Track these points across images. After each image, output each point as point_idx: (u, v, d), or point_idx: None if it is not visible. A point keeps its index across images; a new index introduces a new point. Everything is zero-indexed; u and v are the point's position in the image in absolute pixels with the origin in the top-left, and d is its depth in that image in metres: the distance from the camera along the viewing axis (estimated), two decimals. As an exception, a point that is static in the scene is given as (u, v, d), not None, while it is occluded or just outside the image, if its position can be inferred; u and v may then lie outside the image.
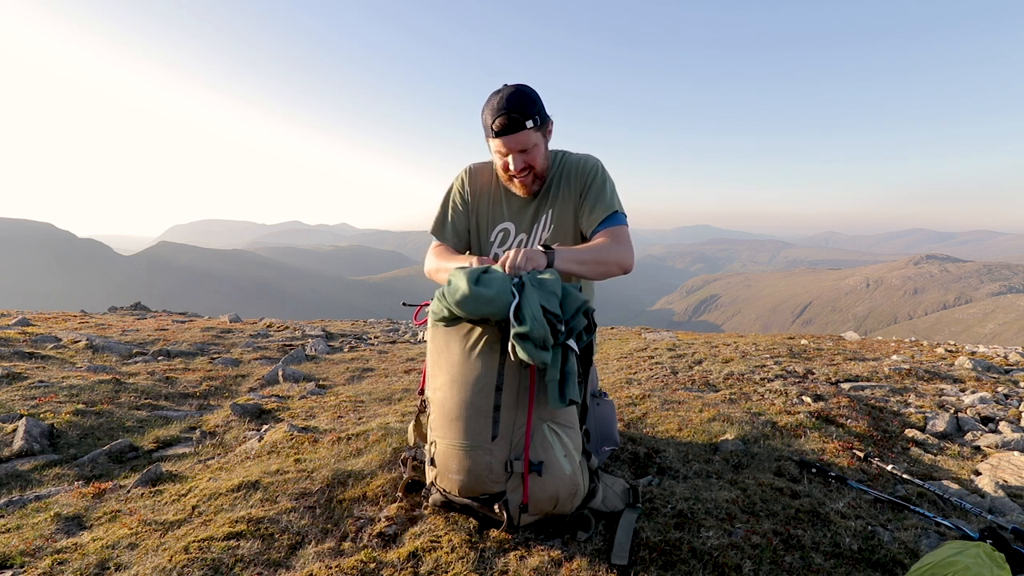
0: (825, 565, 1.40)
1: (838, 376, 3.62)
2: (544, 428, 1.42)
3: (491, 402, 1.40)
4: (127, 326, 5.99)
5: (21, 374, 3.33)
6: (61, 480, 2.10)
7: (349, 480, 1.86)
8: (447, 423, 1.45)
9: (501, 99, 1.65)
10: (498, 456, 1.40)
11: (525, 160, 1.73)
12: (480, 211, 1.94)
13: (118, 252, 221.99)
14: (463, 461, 1.42)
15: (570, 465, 1.43)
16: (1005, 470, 2.14)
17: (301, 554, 1.47)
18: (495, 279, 1.38)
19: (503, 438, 1.40)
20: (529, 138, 1.69)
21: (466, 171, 1.97)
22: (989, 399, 3.13)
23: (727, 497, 1.70)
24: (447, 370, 1.47)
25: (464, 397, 1.42)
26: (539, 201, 1.87)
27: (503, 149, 1.70)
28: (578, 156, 1.90)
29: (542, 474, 1.39)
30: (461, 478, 1.43)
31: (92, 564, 1.42)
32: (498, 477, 1.41)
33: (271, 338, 5.71)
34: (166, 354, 4.50)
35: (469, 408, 1.41)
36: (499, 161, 1.77)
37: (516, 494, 1.41)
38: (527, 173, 1.76)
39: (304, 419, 2.73)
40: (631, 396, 3.00)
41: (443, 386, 1.47)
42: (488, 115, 1.68)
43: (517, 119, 1.64)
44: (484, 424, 1.40)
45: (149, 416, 2.89)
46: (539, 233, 1.87)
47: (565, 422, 1.46)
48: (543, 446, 1.41)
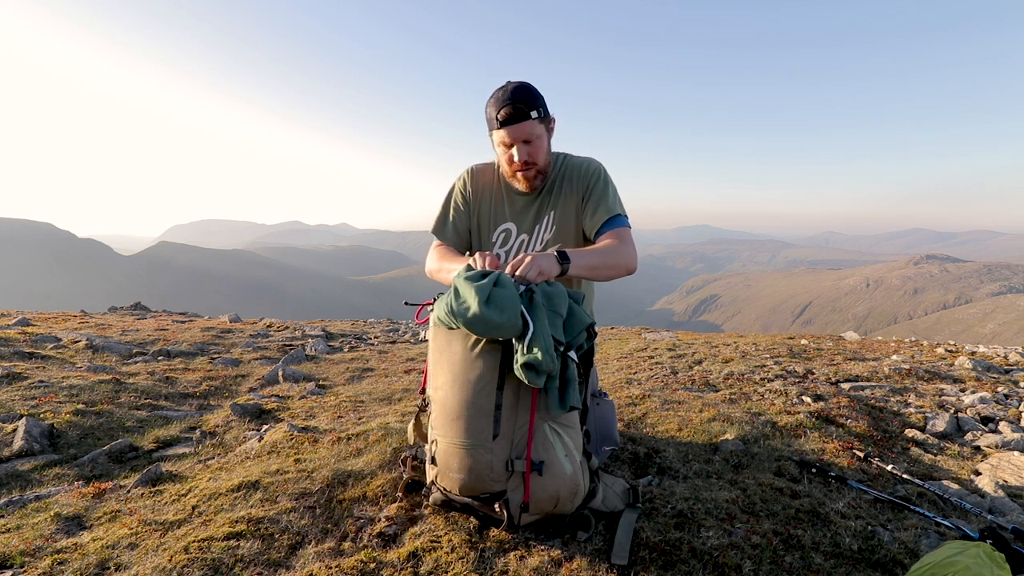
0: (825, 565, 1.40)
1: (838, 376, 3.62)
2: (545, 428, 1.42)
3: (492, 401, 1.40)
4: (127, 326, 5.99)
5: (21, 374, 3.33)
6: (61, 480, 2.10)
7: (349, 480, 1.86)
8: (448, 422, 1.45)
9: (506, 91, 1.68)
10: (499, 455, 1.40)
11: (529, 152, 1.73)
12: (481, 211, 1.94)
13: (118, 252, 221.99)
14: (464, 460, 1.42)
15: (571, 465, 1.43)
16: (1005, 470, 2.14)
17: (301, 554, 1.47)
18: (507, 300, 1.34)
19: (504, 437, 1.40)
20: (533, 129, 1.70)
21: (468, 172, 1.97)
22: (989, 399, 3.13)
23: (727, 497, 1.70)
24: (448, 369, 1.47)
25: (465, 396, 1.42)
26: (541, 202, 1.88)
27: (507, 139, 1.71)
28: (580, 159, 1.90)
29: (543, 474, 1.40)
30: (462, 476, 1.43)
31: (92, 564, 1.42)
32: (499, 476, 1.41)
33: (271, 338, 5.71)
34: (166, 354, 4.50)
35: (470, 407, 1.41)
36: (503, 154, 1.77)
37: (517, 493, 1.42)
38: (530, 168, 1.77)
39: (304, 419, 2.73)
40: (631, 396, 3.00)
41: (444, 385, 1.47)
42: (492, 107, 1.69)
43: (522, 109, 1.66)
44: (485, 423, 1.40)
45: (149, 416, 2.89)
46: (541, 234, 1.88)
47: (566, 422, 1.47)
48: (544, 445, 1.41)
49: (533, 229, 1.88)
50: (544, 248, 1.88)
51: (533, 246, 1.89)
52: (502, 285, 1.38)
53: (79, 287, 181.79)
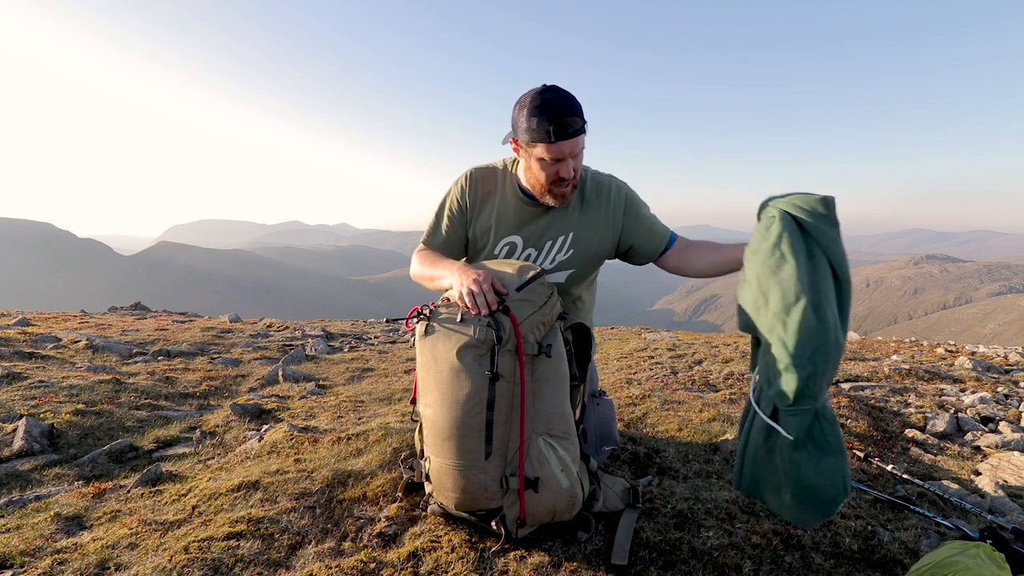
0: (825, 565, 1.40)
1: (838, 376, 3.62)
2: (540, 442, 1.39)
3: (483, 420, 1.35)
4: (127, 326, 5.99)
5: (21, 374, 3.33)
6: (61, 480, 2.10)
7: (349, 480, 1.86)
8: (439, 441, 1.41)
9: (561, 99, 1.47)
10: (493, 474, 1.37)
11: (575, 167, 1.56)
12: (481, 221, 1.75)
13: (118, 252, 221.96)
14: (457, 480, 1.40)
15: (567, 479, 1.40)
16: (1005, 470, 2.14)
17: (301, 554, 1.47)
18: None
19: (497, 455, 1.37)
20: (583, 142, 1.55)
21: (466, 176, 1.76)
22: (989, 399, 3.13)
23: (727, 497, 1.70)
24: (436, 387, 1.41)
25: (455, 416, 1.37)
26: (553, 217, 1.70)
27: (562, 155, 1.50)
28: (604, 177, 1.76)
29: (538, 490, 1.37)
30: (456, 496, 1.42)
31: (92, 564, 1.42)
32: (493, 494, 1.39)
33: (271, 338, 5.71)
34: (166, 354, 4.50)
35: (461, 427, 1.36)
36: (544, 168, 1.55)
37: (513, 509, 1.40)
38: (569, 183, 1.59)
39: (304, 419, 2.73)
40: (631, 396, 3.00)
41: (434, 403, 1.42)
42: (537, 116, 1.46)
43: (578, 120, 1.48)
44: (477, 443, 1.36)
45: (149, 416, 2.89)
46: (553, 254, 1.73)
47: (561, 433, 1.42)
48: (539, 460, 1.38)
49: (543, 245, 1.72)
50: (555, 269, 1.74)
51: (541, 263, 1.74)
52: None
53: (79, 287, 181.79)
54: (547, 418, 1.41)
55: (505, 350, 1.34)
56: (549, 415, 1.41)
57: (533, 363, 1.40)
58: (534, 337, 1.40)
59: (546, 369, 1.41)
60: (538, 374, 1.41)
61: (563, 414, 1.44)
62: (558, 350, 1.45)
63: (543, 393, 1.41)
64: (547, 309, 1.45)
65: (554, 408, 1.42)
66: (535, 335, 1.41)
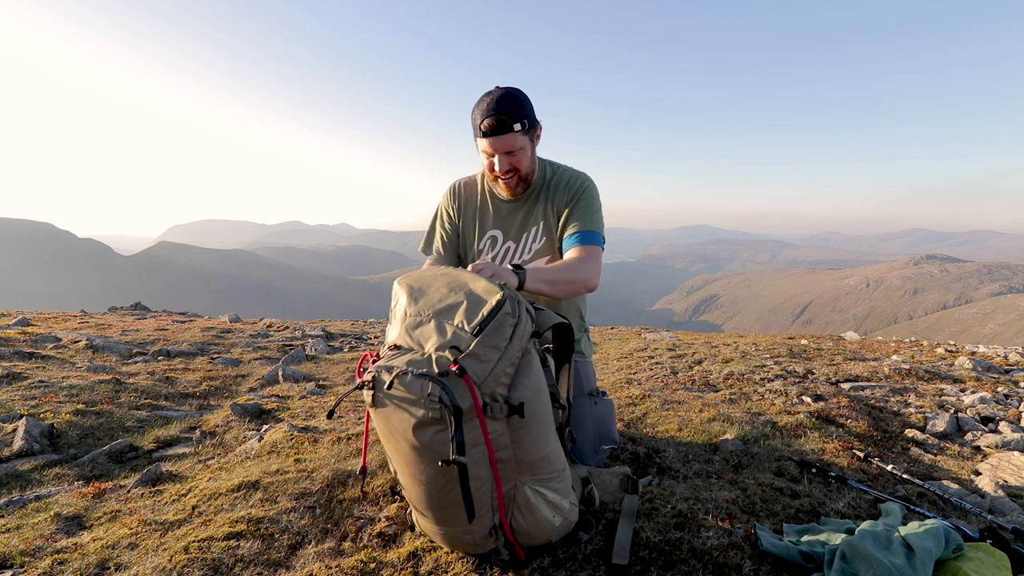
0: (825, 565, 1.39)
1: (838, 376, 3.62)
2: (526, 491, 1.31)
3: (459, 494, 1.20)
4: (127, 326, 5.99)
5: (21, 374, 3.33)
6: (61, 480, 2.10)
7: (349, 480, 1.86)
8: (418, 506, 1.36)
9: (491, 100, 1.65)
10: (480, 532, 1.31)
11: (511, 162, 1.74)
12: (467, 222, 1.96)
13: (118, 252, 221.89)
14: (445, 537, 1.38)
15: (560, 516, 1.36)
16: (1005, 470, 2.14)
17: (301, 554, 1.47)
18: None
19: (482, 515, 1.28)
20: (516, 141, 1.70)
21: (450, 189, 2.01)
22: (989, 399, 3.13)
23: (727, 497, 1.70)
24: (402, 462, 1.31)
25: (429, 493, 1.29)
26: (527, 209, 1.88)
27: (489, 150, 1.72)
28: (572, 172, 1.90)
29: (531, 532, 1.34)
30: (446, 545, 1.41)
31: (92, 564, 1.42)
32: (484, 544, 1.35)
33: (271, 338, 5.71)
34: (166, 354, 4.50)
35: (435, 502, 1.30)
36: (485, 161, 1.78)
37: (508, 548, 1.35)
38: (512, 175, 1.78)
39: (304, 419, 2.73)
40: (631, 396, 3.00)
41: (402, 475, 1.35)
42: (477, 115, 1.68)
43: (505, 121, 1.65)
44: (456, 513, 1.26)
45: (149, 416, 2.89)
46: (529, 243, 1.88)
47: (547, 473, 1.34)
48: (527, 507, 1.31)
49: (520, 237, 1.89)
50: (533, 258, 1.88)
51: (520, 254, 1.89)
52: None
53: (79, 287, 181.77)
54: (532, 467, 1.31)
55: (468, 419, 1.18)
56: (533, 463, 1.31)
57: (508, 419, 1.25)
58: (501, 391, 1.22)
59: (524, 415, 1.26)
60: (515, 423, 1.25)
61: (548, 455, 1.34)
62: (534, 388, 1.28)
63: (522, 442, 1.28)
64: (515, 343, 1.24)
65: (537, 454, 1.31)
66: (502, 386, 1.23)
